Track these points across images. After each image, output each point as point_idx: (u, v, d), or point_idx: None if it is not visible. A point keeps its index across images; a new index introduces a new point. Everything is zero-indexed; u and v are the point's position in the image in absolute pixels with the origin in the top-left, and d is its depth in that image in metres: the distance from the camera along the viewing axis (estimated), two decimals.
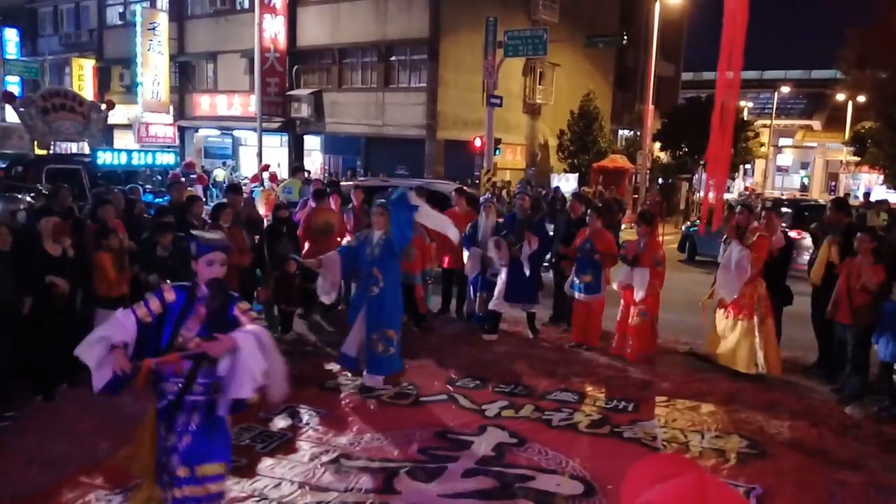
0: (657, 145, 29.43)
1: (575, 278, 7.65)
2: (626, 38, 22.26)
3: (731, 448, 5.09)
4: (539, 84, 27.09)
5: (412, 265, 8.04)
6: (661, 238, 8.52)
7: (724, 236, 7.09)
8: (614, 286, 7.46)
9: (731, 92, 6.22)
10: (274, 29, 25.16)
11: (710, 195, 6.78)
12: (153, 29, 27.31)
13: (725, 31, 5.79)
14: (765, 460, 4.93)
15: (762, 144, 34.38)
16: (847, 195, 36.63)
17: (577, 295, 7.65)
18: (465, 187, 10.86)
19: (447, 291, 8.98)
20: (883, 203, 14.48)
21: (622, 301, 7.40)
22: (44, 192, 9.04)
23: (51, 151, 13.58)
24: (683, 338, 8.04)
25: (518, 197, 8.53)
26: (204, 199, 9.44)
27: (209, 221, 7.22)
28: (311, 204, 8.42)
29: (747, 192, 25.76)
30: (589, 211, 7.92)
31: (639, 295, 7.09)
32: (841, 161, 38.65)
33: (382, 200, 6.25)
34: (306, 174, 13.59)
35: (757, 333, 6.66)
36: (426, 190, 8.64)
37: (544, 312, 8.74)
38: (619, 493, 1.71)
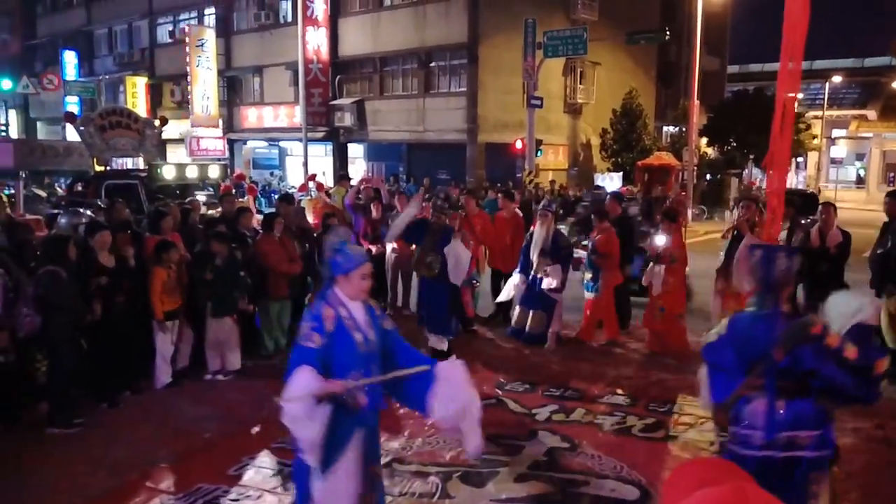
0: (703, 140, 28.80)
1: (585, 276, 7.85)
2: (668, 33, 21.88)
3: None
4: (580, 83, 26.86)
5: None
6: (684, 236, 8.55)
7: (728, 230, 7.36)
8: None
9: (792, 89, 6.09)
10: (316, 41, 25.60)
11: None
12: (201, 45, 28.09)
13: (787, 27, 5.65)
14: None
15: (814, 137, 33.32)
16: None
17: (585, 293, 7.85)
18: (512, 191, 10.82)
19: (497, 294, 8.92)
20: None
21: (648, 298, 7.54)
22: (103, 206, 9.40)
23: (108, 167, 14.10)
24: None
25: (434, 214, 7.21)
26: (253, 210, 9.63)
27: (260, 231, 7.41)
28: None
29: (751, 186, 25.05)
30: (594, 213, 8.07)
31: (655, 291, 7.29)
32: None
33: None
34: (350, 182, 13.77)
35: None
36: None
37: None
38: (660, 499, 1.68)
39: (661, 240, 7.44)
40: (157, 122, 14.62)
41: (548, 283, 7.49)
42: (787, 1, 5.24)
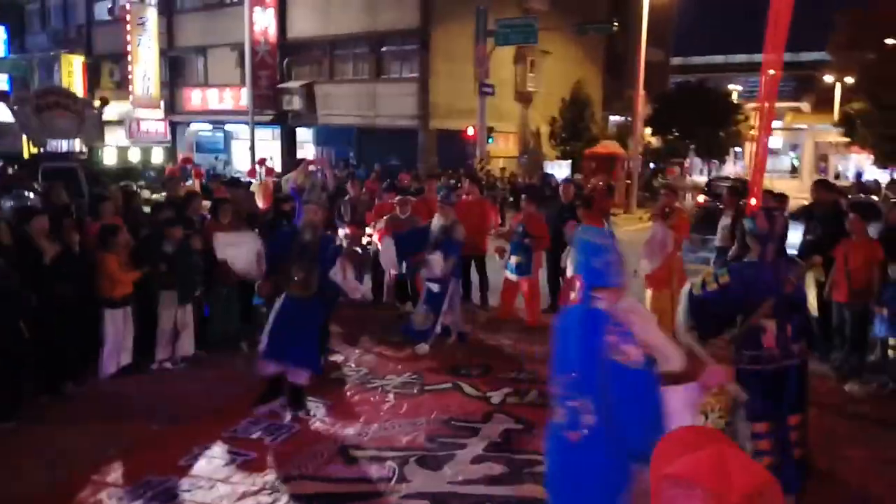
0: (648, 130, 29.47)
1: (509, 258, 7.98)
2: (616, 24, 22.23)
3: None
4: (530, 72, 27.02)
5: None
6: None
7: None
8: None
9: (773, 81, 6.31)
10: (264, 22, 24.99)
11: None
12: (142, 23, 27.02)
13: (771, 18, 5.81)
14: None
15: (752, 128, 34.54)
16: (837, 175, 37.00)
17: (507, 274, 8.01)
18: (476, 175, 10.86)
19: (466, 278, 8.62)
20: None
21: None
22: (39, 190, 9.00)
23: (43, 150, 13.47)
24: None
25: (306, 209, 5.54)
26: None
27: (208, 216, 7.23)
28: None
29: (673, 176, 26.15)
30: (523, 196, 8.31)
31: (569, 273, 7.48)
32: (830, 142, 38.89)
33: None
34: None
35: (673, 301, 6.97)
36: None
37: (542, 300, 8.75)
38: (649, 467, 1.82)
39: (571, 225, 7.66)
40: (97, 103, 14.05)
41: (427, 272, 7.18)
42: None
